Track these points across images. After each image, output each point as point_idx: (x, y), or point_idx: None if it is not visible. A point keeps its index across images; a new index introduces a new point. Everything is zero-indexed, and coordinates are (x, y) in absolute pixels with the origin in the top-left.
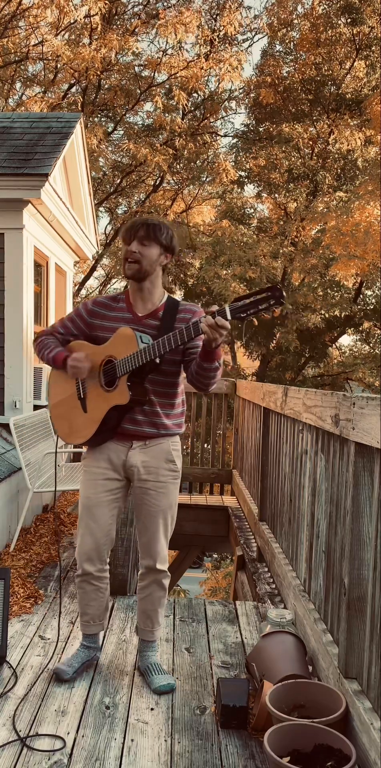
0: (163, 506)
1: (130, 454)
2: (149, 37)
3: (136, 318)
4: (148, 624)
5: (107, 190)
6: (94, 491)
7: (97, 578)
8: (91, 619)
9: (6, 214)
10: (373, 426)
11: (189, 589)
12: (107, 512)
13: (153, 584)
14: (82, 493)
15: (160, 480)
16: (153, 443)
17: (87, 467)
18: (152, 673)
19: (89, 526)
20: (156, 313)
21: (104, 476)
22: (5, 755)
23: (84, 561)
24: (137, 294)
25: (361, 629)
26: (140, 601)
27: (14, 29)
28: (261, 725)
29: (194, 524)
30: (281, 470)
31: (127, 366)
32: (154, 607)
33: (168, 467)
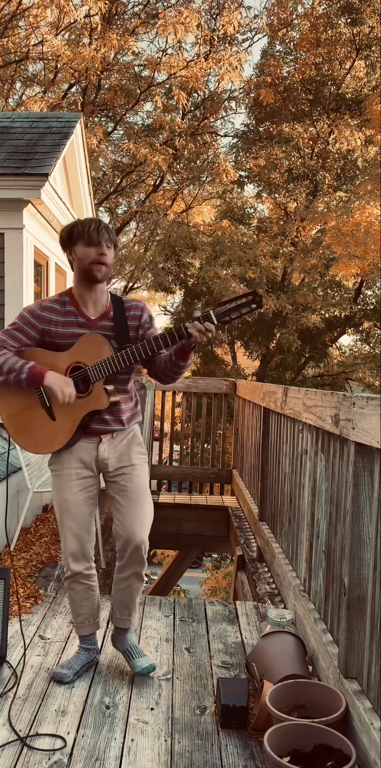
0: (141, 488)
1: (101, 449)
2: (149, 37)
3: (90, 321)
4: (125, 613)
5: (107, 190)
6: (70, 492)
7: (87, 576)
8: (85, 620)
9: (6, 214)
10: (373, 426)
11: (189, 589)
12: (86, 510)
13: (133, 576)
14: (58, 496)
15: (134, 462)
16: (119, 434)
17: (58, 470)
18: (133, 656)
19: (71, 528)
20: (107, 314)
21: (79, 476)
22: (5, 755)
23: (71, 562)
24: (89, 296)
25: (361, 629)
26: (118, 592)
27: (14, 29)
28: (261, 725)
29: (194, 524)
30: (281, 470)
31: (103, 371)
32: (132, 598)
33: (137, 450)
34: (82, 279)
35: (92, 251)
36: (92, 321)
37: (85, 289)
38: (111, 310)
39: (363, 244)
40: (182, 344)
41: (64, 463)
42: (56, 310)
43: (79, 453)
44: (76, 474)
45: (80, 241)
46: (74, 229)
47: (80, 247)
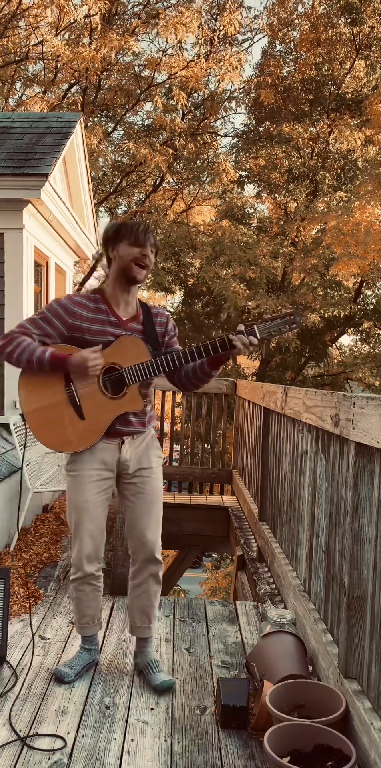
0: (158, 492)
1: (124, 450)
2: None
3: (122, 322)
4: (145, 621)
5: (107, 190)
6: (90, 494)
7: (97, 577)
8: (90, 620)
9: (6, 214)
10: (373, 426)
11: (189, 589)
12: (102, 512)
13: (150, 579)
14: (77, 497)
15: (153, 465)
16: (139, 435)
17: (78, 471)
18: (153, 670)
19: (89, 529)
20: (137, 318)
21: (99, 477)
22: (5, 755)
23: (85, 563)
24: (121, 297)
25: (361, 629)
26: (135, 599)
27: (14, 29)
28: (261, 725)
29: (194, 524)
30: (281, 470)
31: (140, 375)
32: (151, 603)
33: (155, 453)
34: (119, 278)
35: (136, 250)
36: (123, 322)
37: (118, 290)
38: (140, 314)
39: (363, 244)
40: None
41: (85, 464)
42: (87, 306)
43: (101, 454)
44: (98, 475)
45: (126, 239)
46: (122, 226)
47: (124, 246)
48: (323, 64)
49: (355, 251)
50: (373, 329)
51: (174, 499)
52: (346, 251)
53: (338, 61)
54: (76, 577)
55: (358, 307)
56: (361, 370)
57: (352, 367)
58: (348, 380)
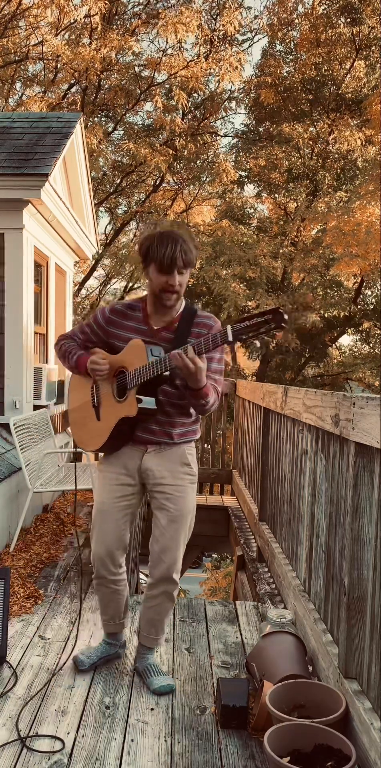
0: (182, 511)
1: (145, 458)
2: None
3: (151, 330)
4: (152, 632)
5: (107, 190)
6: (108, 496)
7: (112, 581)
8: (110, 619)
9: (6, 214)
10: (373, 426)
11: (189, 589)
12: (120, 518)
13: (163, 596)
14: (97, 497)
15: (178, 483)
16: (168, 448)
17: (102, 472)
18: (151, 674)
19: (102, 532)
20: (171, 325)
21: (119, 481)
22: (5, 755)
23: (99, 566)
24: (159, 308)
25: (361, 629)
26: (147, 609)
27: (14, 29)
28: (261, 725)
29: (194, 524)
30: (281, 470)
31: (137, 379)
32: (161, 617)
33: (184, 471)
34: (153, 299)
35: (163, 279)
36: (154, 330)
37: (155, 303)
38: (177, 321)
39: (364, 244)
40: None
41: (109, 465)
42: (125, 313)
43: (124, 459)
44: (117, 479)
45: (154, 264)
46: (150, 249)
47: (153, 270)
48: (323, 64)
49: (356, 251)
50: (373, 329)
51: None
52: (347, 251)
53: (338, 61)
54: (93, 576)
55: (358, 307)
56: (361, 370)
57: (352, 367)
58: (348, 380)
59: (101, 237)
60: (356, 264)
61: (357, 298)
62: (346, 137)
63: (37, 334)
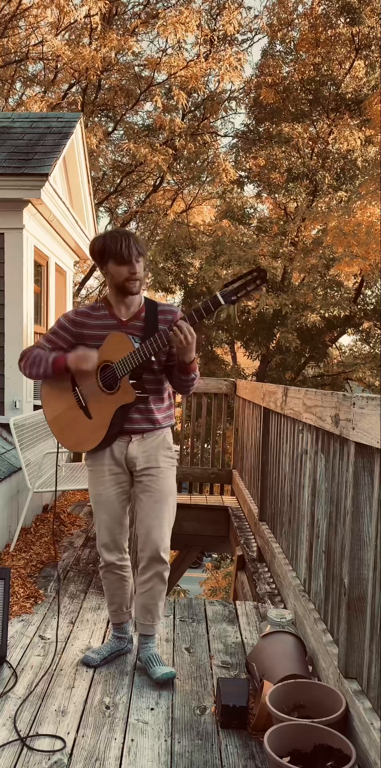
0: (165, 492)
1: (130, 447)
2: (149, 37)
3: (121, 322)
4: (148, 618)
5: (107, 190)
6: (103, 487)
7: (120, 567)
8: (118, 608)
9: (6, 214)
10: (373, 426)
11: (189, 589)
12: (117, 504)
13: (155, 578)
14: (92, 491)
15: (160, 465)
16: (150, 435)
17: (92, 467)
18: (153, 664)
19: (102, 520)
20: (138, 315)
21: (110, 471)
22: (5, 755)
23: (104, 552)
24: (122, 302)
25: (361, 629)
26: (140, 596)
27: (14, 29)
28: (261, 725)
29: (194, 524)
30: (281, 470)
31: (127, 366)
32: (155, 601)
33: (166, 453)
34: (117, 291)
35: (124, 270)
36: (123, 322)
37: (118, 297)
38: (143, 311)
39: (365, 244)
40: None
41: (98, 459)
42: (90, 314)
43: (110, 450)
44: (109, 470)
45: (112, 259)
46: (105, 248)
47: (112, 265)
48: (323, 64)
49: (357, 251)
50: (373, 329)
51: None
52: (348, 251)
53: (338, 61)
54: (100, 565)
55: (358, 307)
56: (361, 370)
57: (352, 367)
58: (348, 380)
59: None
60: (356, 264)
61: (357, 297)
62: (346, 137)
63: (37, 334)
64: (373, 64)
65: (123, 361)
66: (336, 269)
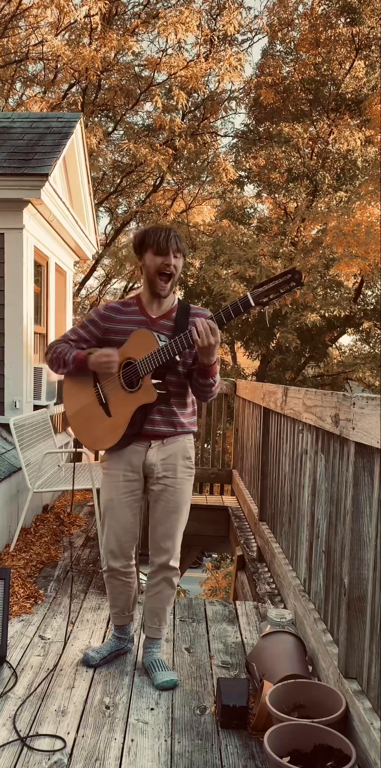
0: (179, 503)
1: (149, 454)
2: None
3: (150, 320)
4: (155, 622)
5: (107, 190)
6: (116, 493)
7: (123, 573)
8: (120, 611)
9: (6, 214)
10: (373, 426)
11: (189, 589)
12: (129, 511)
13: (163, 582)
14: (104, 495)
15: (178, 477)
16: (170, 441)
17: (107, 470)
18: (156, 669)
19: (112, 526)
20: (169, 315)
21: (125, 478)
22: (5, 755)
23: (109, 558)
24: (154, 299)
25: (361, 629)
26: (148, 599)
27: (14, 29)
28: (261, 725)
29: (194, 524)
30: (281, 470)
31: (150, 365)
32: (163, 606)
33: (184, 464)
34: (148, 287)
35: (159, 260)
36: (153, 319)
37: (150, 294)
38: (174, 311)
39: (364, 245)
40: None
41: (114, 463)
42: (120, 309)
43: (129, 456)
44: (124, 476)
45: (150, 249)
46: (146, 235)
47: (150, 255)
48: (323, 64)
49: (357, 251)
50: (373, 329)
51: None
52: (348, 251)
53: (338, 61)
54: (104, 569)
55: (358, 307)
56: (361, 370)
57: (352, 367)
58: (348, 380)
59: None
60: (356, 264)
61: (357, 297)
62: (346, 137)
63: (37, 334)
64: (373, 64)
65: (146, 359)
66: (335, 269)
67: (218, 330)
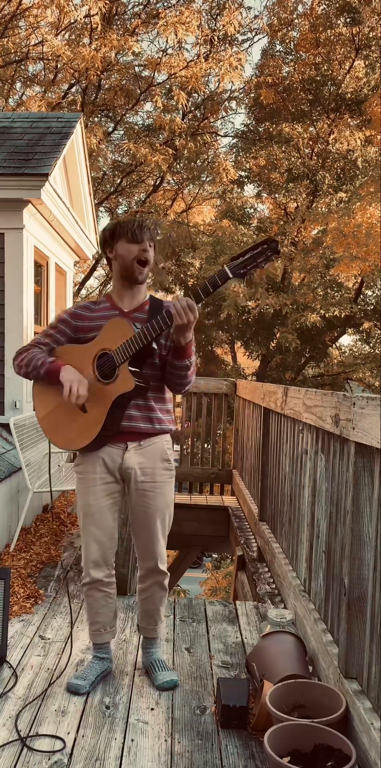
0: (160, 506)
1: (126, 457)
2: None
3: (123, 313)
4: (150, 622)
5: (107, 190)
6: (94, 497)
7: (106, 584)
8: (102, 627)
9: (6, 214)
10: (373, 426)
11: (189, 589)
12: (109, 516)
13: (154, 585)
14: (81, 500)
15: (157, 480)
16: (148, 443)
17: (82, 474)
18: (156, 669)
19: (93, 533)
20: (142, 308)
21: (103, 480)
22: (5, 755)
23: (91, 568)
24: (126, 293)
25: (361, 629)
26: (141, 602)
27: (14, 29)
28: (261, 725)
29: (194, 524)
30: (281, 470)
31: (127, 352)
32: (156, 607)
33: (164, 466)
34: (122, 278)
35: (135, 248)
36: (125, 312)
37: (122, 288)
38: (147, 304)
39: (365, 246)
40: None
41: (89, 466)
42: (91, 308)
43: (103, 457)
44: (101, 479)
45: (123, 238)
46: (117, 226)
47: (123, 244)
48: (323, 64)
49: (357, 253)
50: (373, 329)
51: (174, 499)
52: (348, 252)
53: (338, 61)
54: (84, 582)
55: (358, 307)
56: (361, 370)
57: (352, 367)
58: (348, 380)
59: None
60: (356, 266)
61: (357, 298)
62: (346, 137)
63: (37, 334)
64: (373, 64)
65: (123, 346)
66: (335, 270)
67: (196, 307)
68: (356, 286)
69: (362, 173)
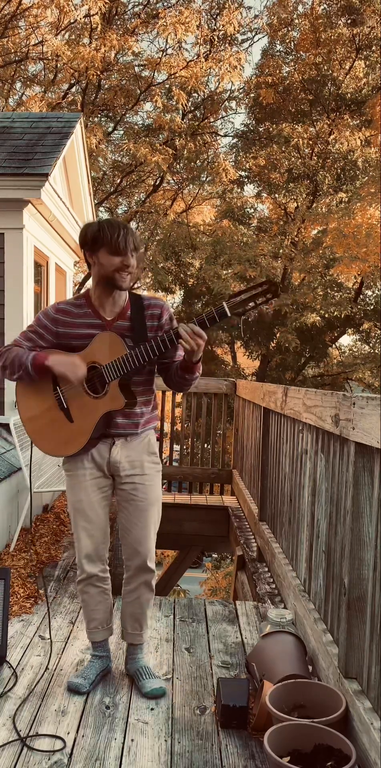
0: (151, 500)
1: (113, 451)
2: (149, 37)
3: (106, 323)
4: (136, 627)
5: (107, 190)
6: (85, 493)
7: (101, 579)
8: (99, 624)
9: (6, 214)
10: (373, 426)
11: (189, 589)
12: (101, 511)
13: (142, 586)
14: (72, 497)
15: (146, 473)
16: (134, 438)
17: (71, 471)
18: (143, 677)
19: (86, 529)
20: (124, 314)
21: (92, 476)
22: (5, 755)
23: (86, 564)
24: (106, 298)
25: (361, 629)
26: (128, 605)
27: (14, 29)
28: (261, 725)
29: (194, 524)
30: (281, 470)
31: (118, 370)
32: (143, 610)
33: (151, 460)
34: (103, 284)
35: (117, 260)
36: (108, 322)
37: (103, 293)
38: (128, 309)
39: (365, 246)
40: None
41: (78, 463)
42: (71, 312)
43: (91, 453)
44: (90, 474)
45: (105, 247)
46: (100, 234)
47: (104, 254)
48: (323, 64)
49: (357, 253)
50: (373, 329)
51: (174, 499)
52: (348, 253)
53: (338, 61)
54: (79, 578)
55: (358, 307)
56: (361, 371)
57: (352, 367)
58: (348, 380)
59: None
60: (356, 266)
61: (357, 298)
62: (346, 137)
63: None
64: (373, 64)
65: (113, 364)
66: (335, 270)
67: (203, 332)
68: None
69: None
